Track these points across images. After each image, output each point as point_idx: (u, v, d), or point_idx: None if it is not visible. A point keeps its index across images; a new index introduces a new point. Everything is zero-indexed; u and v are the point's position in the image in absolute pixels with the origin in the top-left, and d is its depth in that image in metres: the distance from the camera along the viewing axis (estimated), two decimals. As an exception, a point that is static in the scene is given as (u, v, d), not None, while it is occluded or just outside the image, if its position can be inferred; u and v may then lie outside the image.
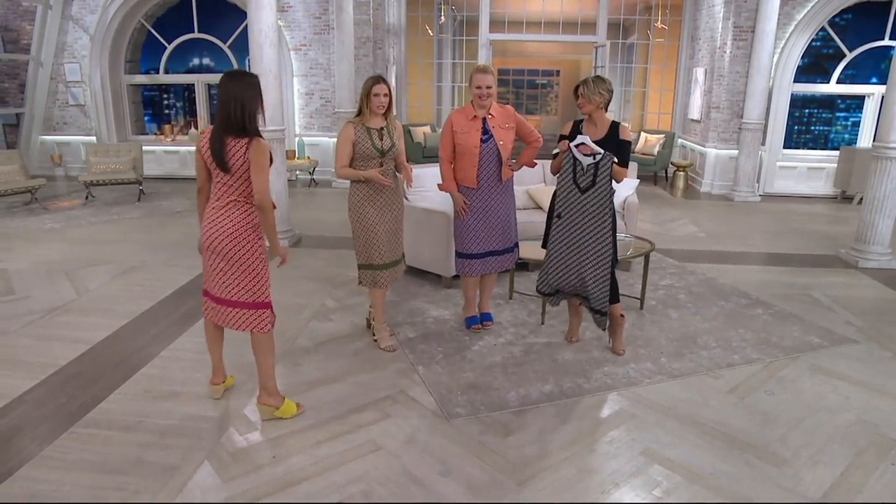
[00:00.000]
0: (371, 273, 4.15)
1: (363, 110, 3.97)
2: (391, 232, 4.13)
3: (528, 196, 6.09)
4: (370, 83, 3.93)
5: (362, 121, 3.96)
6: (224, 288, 3.32)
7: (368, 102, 3.92)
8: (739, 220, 8.25)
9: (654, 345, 4.35)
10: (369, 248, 4.08)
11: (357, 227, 4.08)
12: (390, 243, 4.13)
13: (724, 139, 9.85)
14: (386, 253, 4.12)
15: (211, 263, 3.32)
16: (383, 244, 4.08)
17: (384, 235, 4.08)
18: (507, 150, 4.23)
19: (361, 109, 3.98)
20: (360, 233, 4.08)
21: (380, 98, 3.90)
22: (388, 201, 4.09)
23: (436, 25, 11.84)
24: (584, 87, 3.94)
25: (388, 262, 4.15)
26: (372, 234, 4.05)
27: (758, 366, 4.08)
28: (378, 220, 4.05)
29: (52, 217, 7.81)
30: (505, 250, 4.42)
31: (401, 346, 4.30)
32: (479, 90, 4.11)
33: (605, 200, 3.84)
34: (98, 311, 4.87)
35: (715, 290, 5.46)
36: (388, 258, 4.14)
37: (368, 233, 4.05)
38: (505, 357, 4.14)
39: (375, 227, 4.05)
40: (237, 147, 3.09)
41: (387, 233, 4.10)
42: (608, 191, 3.84)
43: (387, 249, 4.11)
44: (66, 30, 10.06)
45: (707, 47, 10.18)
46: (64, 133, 10.54)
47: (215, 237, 3.23)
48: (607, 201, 3.85)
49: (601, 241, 3.90)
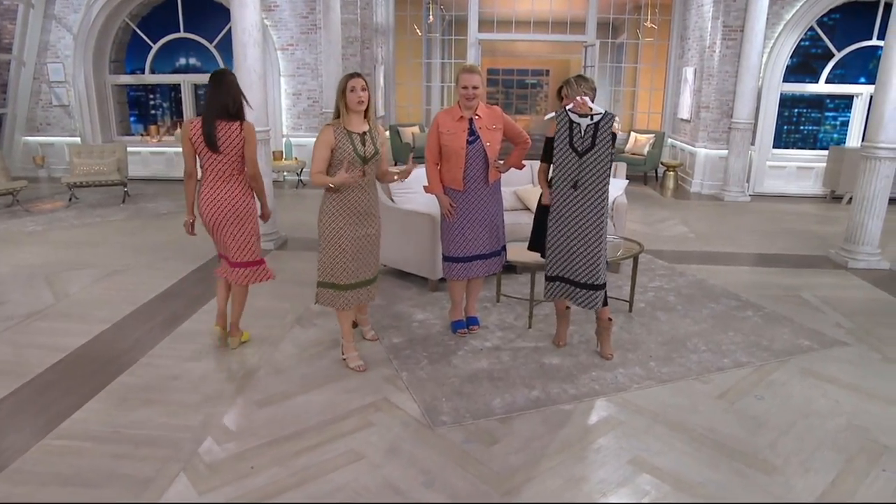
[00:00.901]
0: (332, 293, 3.84)
1: (341, 111, 3.71)
2: (363, 250, 3.84)
3: (516, 197, 6.02)
4: (345, 79, 3.69)
5: (342, 123, 3.71)
6: (237, 251, 4.03)
7: (345, 100, 3.67)
8: (729, 221, 8.22)
9: (643, 348, 4.30)
10: (334, 265, 3.79)
11: (324, 240, 3.78)
12: (359, 262, 3.84)
13: (714, 139, 9.82)
14: (352, 272, 3.82)
15: (220, 234, 3.99)
16: (350, 262, 3.79)
17: (353, 253, 3.79)
18: (494, 151, 4.16)
19: (339, 111, 3.72)
20: (326, 246, 3.79)
21: (357, 93, 3.63)
22: (363, 215, 3.81)
23: (424, 25, 11.76)
24: (567, 87, 3.88)
25: (354, 283, 3.86)
26: (340, 249, 3.76)
27: (748, 369, 4.02)
28: (349, 235, 3.75)
29: (34, 219, 7.67)
30: (492, 253, 4.34)
31: (385, 351, 4.22)
32: (466, 90, 4.04)
33: (604, 163, 3.71)
34: (77, 317, 4.76)
35: (705, 291, 5.41)
36: (353, 278, 3.84)
37: (336, 248, 3.76)
38: (491, 362, 4.07)
39: (345, 242, 3.75)
40: (231, 130, 3.80)
41: (357, 250, 3.80)
42: (608, 153, 3.70)
43: (354, 268, 3.82)
44: (49, 29, 9.90)
45: (696, 47, 10.15)
46: (48, 134, 10.38)
47: (219, 210, 3.91)
48: (607, 164, 3.72)
49: (599, 206, 3.77)
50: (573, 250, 3.92)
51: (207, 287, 5.39)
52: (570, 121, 3.76)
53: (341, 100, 3.70)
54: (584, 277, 3.94)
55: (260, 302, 5.09)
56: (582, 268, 3.93)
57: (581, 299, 4.00)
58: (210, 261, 6.12)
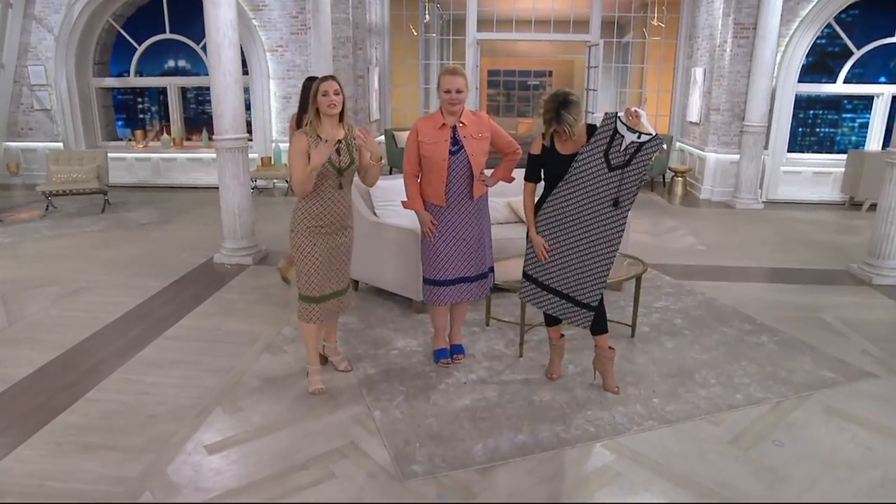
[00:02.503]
0: (305, 306, 3.62)
1: (313, 117, 3.44)
2: (334, 260, 3.61)
3: (510, 209, 5.58)
4: (317, 83, 3.42)
5: (314, 130, 3.43)
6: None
7: (315, 104, 3.40)
8: (741, 230, 7.73)
9: (646, 381, 3.85)
10: (307, 277, 3.57)
11: (296, 252, 3.57)
12: (329, 273, 3.61)
13: (725, 143, 9.34)
14: (322, 284, 3.60)
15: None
16: (320, 274, 3.57)
17: (324, 264, 3.57)
18: (480, 163, 3.73)
19: (311, 117, 3.45)
20: (298, 258, 3.57)
21: (330, 97, 3.37)
22: (337, 227, 3.58)
23: (421, 25, 11.34)
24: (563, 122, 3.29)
25: (325, 295, 3.63)
26: (311, 261, 3.55)
27: (764, 407, 3.57)
28: (321, 246, 3.54)
29: (5, 231, 7.30)
30: (478, 276, 3.91)
31: (358, 384, 3.80)
32: (448, 94, 3.61)
33: (633, 185, 3.35)
34: (28, 343, 4.37)
35: (715, 313, 4.94)
36: (322, 290, 3.61)
37: (308, 259, 3.54)
38: (475, 399, 3.64)
39: (316, 254, 3.54)
40: None
41: (328, 261, 3.57)
42: (640, 178, 3.34)
43: (323, 280, 3.59)
44: (30, 30, 9.55)
45: (706, 46, 9.67)
46: (29, 139, 10.02)
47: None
48: (635, 187, 3.36)
49: (614, 228, 3.41)
50: (571, 260, 3.51)
51: (177, 306, 5.01)
52: (615, 128, 3.32)
53: (313, 105, 3.43)
54: (580, 295, 3.52)
55: (229, 324, 4.70)
56: (578, 282, 3.51)
57: (571, 315, 3.58)
58: (184, 276, 5.73)
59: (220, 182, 5.92)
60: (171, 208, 8.55)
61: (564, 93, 3.34)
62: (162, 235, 7.21)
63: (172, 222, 7.83)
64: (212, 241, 6.51)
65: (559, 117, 3.30)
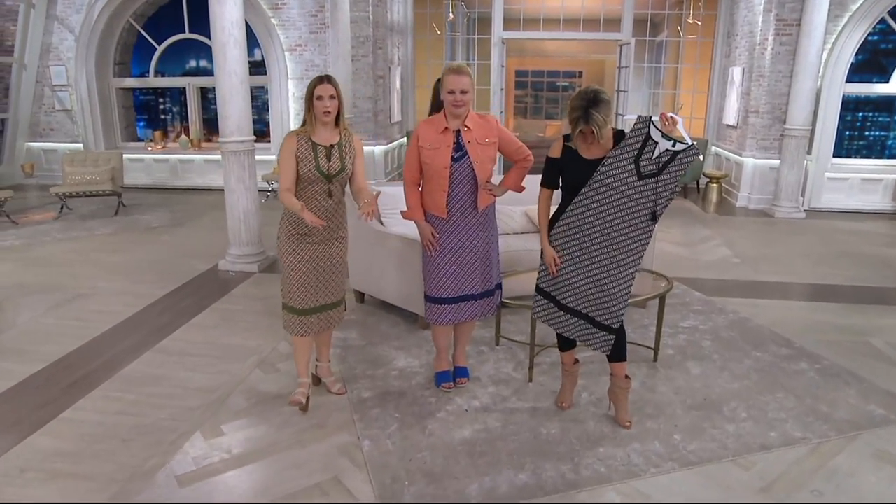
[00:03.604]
0: (290, 317, 3.42)
1: (307, 119, 3.22)
2: (325, 272, 3.38)
3: (528, 218, 5.23)
4: (313, 83, 3.19)
5: (307, 132, 3.20)
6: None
7: (311, 109, 3.17)
8: (781, 242, 7.22)
9: (668, 413, 3.46)
10: (289, 287, 3.36)
11: (283, 261, 3.37)
12: (319, 285, 3.38)
13: (764, 147, 8.80)
14: (311, 296, 3.37)
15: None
16: (309, 285, 3.35)
17: (313, 275, 3.35)
18: (486, 170, 3.39)
19: (306, 118, 3.23)
20: (285, 267, 3.37)
21: (323, 101, 3.15)
22: (324, 234, 3.32)
23: (445, 23, 11.02)
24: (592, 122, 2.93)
25: (311, 308, 3.39)
26: (298, 271, 3.33)
27: (802, 449, 3.16)
28: (309, 256, 3.32)
29: (18, 232, 7.22)
30: (484, 293, 3.57)
31: (351, 408, 3.50)
32: (452, 96, 3.29)
33: (664, 195, 3.01)
34: (13, 354, 4.19)
35: (748, 335, 4.51)
36: (312, 302, 3.38)
37: (294, 269, 3.33)
38: (476, 430, 3.30)
39: (304, 264, 3.32)
40: None
41: (318, 272, 3.35)
42: (672, 188, 3.00)
43: (313, 292, 3.37)
44: (52, 30, 9.54)
45: (745, 44, 9.14)
46: (51, 140, 10.03)
47: None
48: (666, 199, 3.02)
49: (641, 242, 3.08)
50: (590, 276, 3.17)
51: (175, 316, 4.79)
52: (647, 133, 2.99)
53: (308, 108, 3.20)
54: (600, 315, 3.17)
55: (224, 337, 4.45)
56: (598, 301, 3.17)
57: (590, 338, 3.24)
58: (186, 284, 5.52)
59: (226, 186, 5.70)
60: (185, 211, 8.41)
61: (594, 90, 3.00)
62: (171, 239, 7.04)
63: (184, 226, 7.66)
64: (220, 247, 6.30)
65: (588, 116, 2.95)
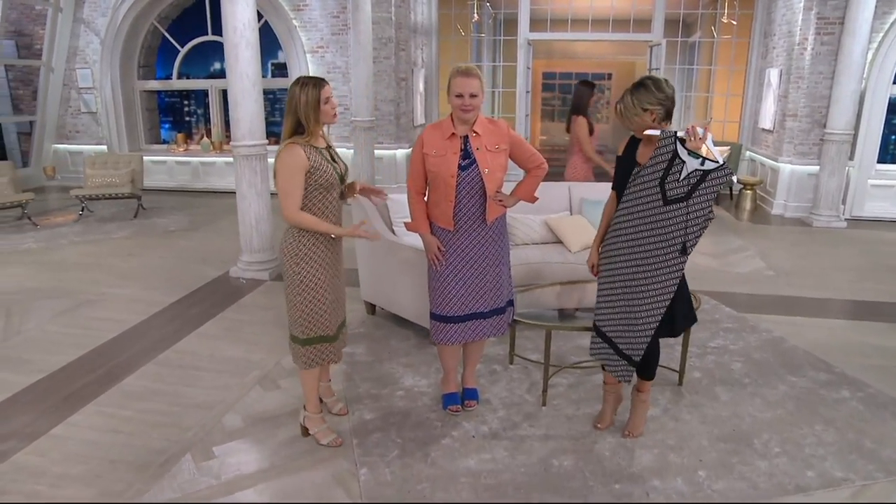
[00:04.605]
0: (320, 348, 3.12)
1: (309, 126, 2.91)
2: (339, 281, 3.20)
3: (548, 228, 4.97)
4: (313, 89, 2.90)
5: (308, 141, 2.94)
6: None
7: (317, 114, 2.91)
8: (819, 253, 6.80)
9: (692, 446, 3.18)
10: (315, 316, 3.06)
11: (300, 289, 3.01)
12: (339, 300, 3.20)
13: (802, 152, 8.36)
14: (335, 316, 3.17)
15: None
16: (334, 304, 3.15)
17: (332, 298, 3.12)
18: (496, 180, 3.15)
19: (306, 125, 2.91)
20: (302, 296, 3.02)
21: (332, 102, 2.98)
22: (338, 249, 3.17)
23: (470, 24, 10.78)
24: (619, 108, 2.84)
25: (338, 329, 3.22)
26: (320, 297, 3.04)
27: (844, 492, 2.85)
28: (328, 280, 3.07)
29: (37, 235, 7.21)
30: (494, 311, 3.33)
31: (351, 431, 3.30)
32: (461, 99, 3.05)
33: (694, 223, 2.71)
34: (13, 363, 4.09)
35: (783, 356, 4.18)
36: (336, 323, 3.19)
37: (315, 295, 3.03)
38: (482, 459, 3.07)
39: (324, 289, 3.05)
40: None
41: (336, 287, 3.15)
42: (705, 215, 2.70)
43: (338, 310, 3.20)
44: (78, 33, 9.59)
45: (783, 44, 8.71)
46: (77, 142, 10.08)
47: None
48: (698, 227, 2.71)
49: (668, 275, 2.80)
50: (618, 301, 2.95)
51: (180, 325, 4.67)
52: (674, 152, 2.70)
53: (314, 112, 2.91)
54: (622, 342, 2.95)
55: (227, 349, 4.30)
56: (622, 328, 2.96)
57: (611, 365, 3.05)
58: (196, 291, 5.40)
59: (238, 191, 5.57)
60: (203, 215, 8.34)
61: (645, 76, 2.85)
62: (186, 244, 6.95)
63: (200, 230, 7.58)
64: (233, 253, 6.17)
65: (622, 96, 2.81)
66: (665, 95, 2.77)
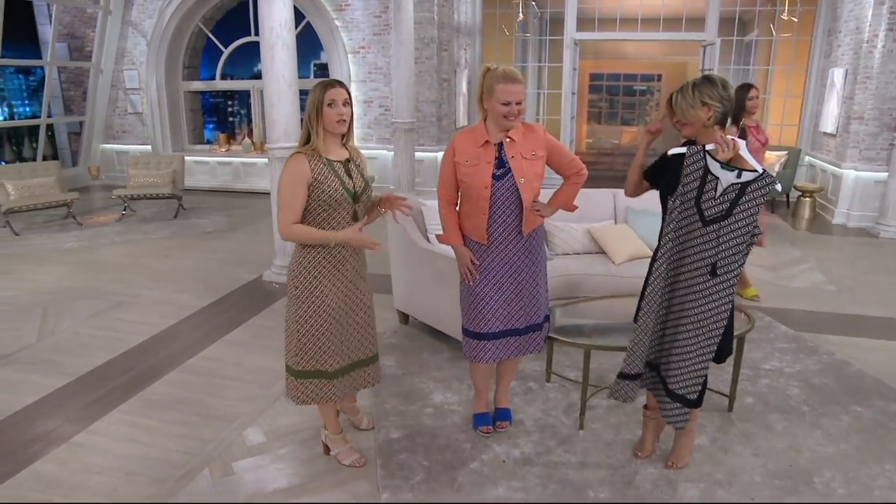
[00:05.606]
0: (316, 384, 2.83)
1: (314, 134, 2.67)
2: (355, 322, 2.89)
3: (591, 237, 4.72)
4: (320, 90, 2.65)
5: (316, 150, 2.67)
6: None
7: (320, 119, 2.65)
8: (886, 267, 6.32)
9: (742, 481, 2.90)
10: (311, 345, 2.78)
11: (303, 311, 2.76)
12: (351, 338, 2.89)
13: (869, 158, 7.83)
14: (344, 352, 2.87)
15: None
16: (339, 339, 2.83)
17: (343, 326, 2.84)
18: (533, 189, 2.93)
19: (311, 131, 2.68)
20: (306, 319, 2.77)
21: (338, 107, 2.64)
22: (355, 275, 2.85)
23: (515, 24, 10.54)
24: (676, 97, 2.61)
25: (346, 366, 2.90)
26: (326, 322, 2.78)
27: (917, 544, 2.54)
28: (338, 302, 2.79)
29: (79, 234, 7.32)
30: (529, 328, 3.12)
31: (375, 450, 3.14)
32: (508, 107, 2.80)
33: (739, 242, 2.46)
34: (43, 365, 4.08)
35: (847, 383, 3.83)
36: (346, 360, 2.89)
37: (321, 319, 2.76)
38: (512, 487, 2.86)
39: (332, 312, 2.78)
40: None
41: (348, 322, 2.85)
42: (746, 230, 2.44)
43: (345, 347, 2.87)
44: (126, 35, 9.77)
45: (850, 42, 8.19)
46: (124, 142, 10.29)
47: None
48: (743, 245, 2.46)
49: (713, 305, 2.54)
50: (667, 332, 2.72)
51: (209, 331, 4.60)
52: (705, 167, 2.47)
53: (315, 118, 2.66)
54: (672, 378, 2.70)
55: (254, 358, 4.20)
56: (670, 362, 2.72)
57: (663, 407, 2.80)
58: (228, 295, 5.34)
59: (272, 193, 5.49)
60: (241, 216, 8.34)
61: (706, 74, 2.65)
62: (223, 245, 6.94)
63: (238, 231, 7.58)
64: (268, 256, 6.11)
65: (677, 92, 2.60)
66: (728, 95, 2.56)
